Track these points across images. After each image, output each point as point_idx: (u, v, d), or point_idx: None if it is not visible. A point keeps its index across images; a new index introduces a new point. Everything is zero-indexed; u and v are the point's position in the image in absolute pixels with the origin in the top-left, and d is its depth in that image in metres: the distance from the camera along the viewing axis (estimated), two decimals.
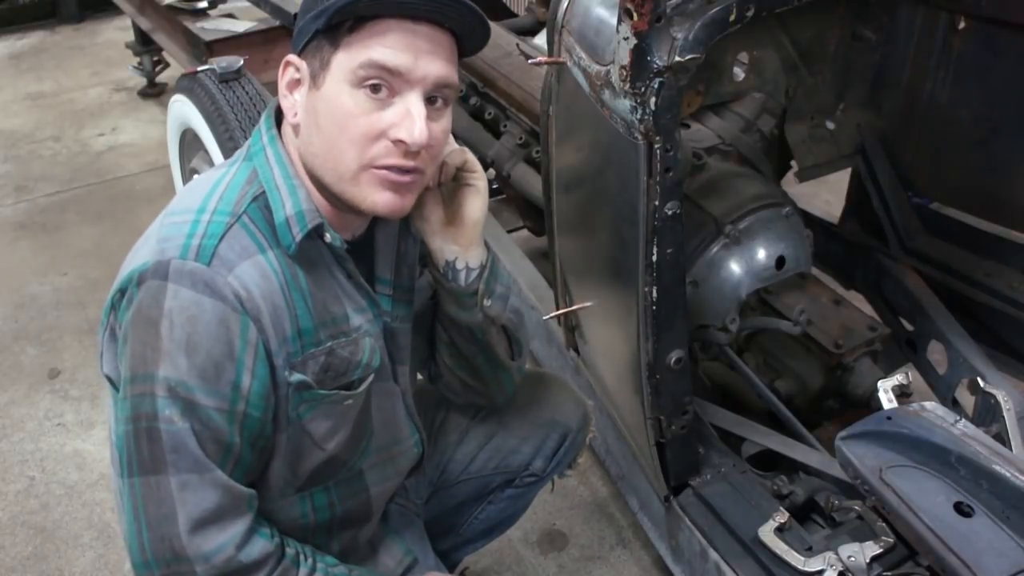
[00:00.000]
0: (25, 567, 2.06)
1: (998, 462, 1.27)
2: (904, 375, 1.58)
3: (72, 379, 2.61)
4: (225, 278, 1.07)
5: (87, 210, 3.48)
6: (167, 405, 1.06)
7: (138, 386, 1.08)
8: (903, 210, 2.08)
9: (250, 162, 1.17)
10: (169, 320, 1.05)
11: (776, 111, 1.99)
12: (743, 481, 1.63)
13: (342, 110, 1.09)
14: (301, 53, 1.13)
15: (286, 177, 1.15)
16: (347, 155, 1.11)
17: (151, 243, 1.11)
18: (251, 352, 1.09)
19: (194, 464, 1.07)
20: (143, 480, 1.08)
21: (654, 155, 1.32)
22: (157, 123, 4.05)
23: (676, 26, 1.27)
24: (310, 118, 1.13)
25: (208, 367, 1.06)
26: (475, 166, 1.30)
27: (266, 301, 1.10)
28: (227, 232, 1.09)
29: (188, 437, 1.07)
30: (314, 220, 1.13)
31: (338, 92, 1.09)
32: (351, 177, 1.12)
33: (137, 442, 1.08)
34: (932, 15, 1.90)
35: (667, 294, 1.43)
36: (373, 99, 1.09)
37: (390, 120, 1.10)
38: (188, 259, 1.06)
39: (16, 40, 5.15)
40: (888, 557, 1.37)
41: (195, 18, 3.33)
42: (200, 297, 1.06)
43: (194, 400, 1.07)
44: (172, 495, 1.07)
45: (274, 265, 1.12)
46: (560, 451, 1.59)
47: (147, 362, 1.07)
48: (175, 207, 1.15)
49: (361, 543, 1.41)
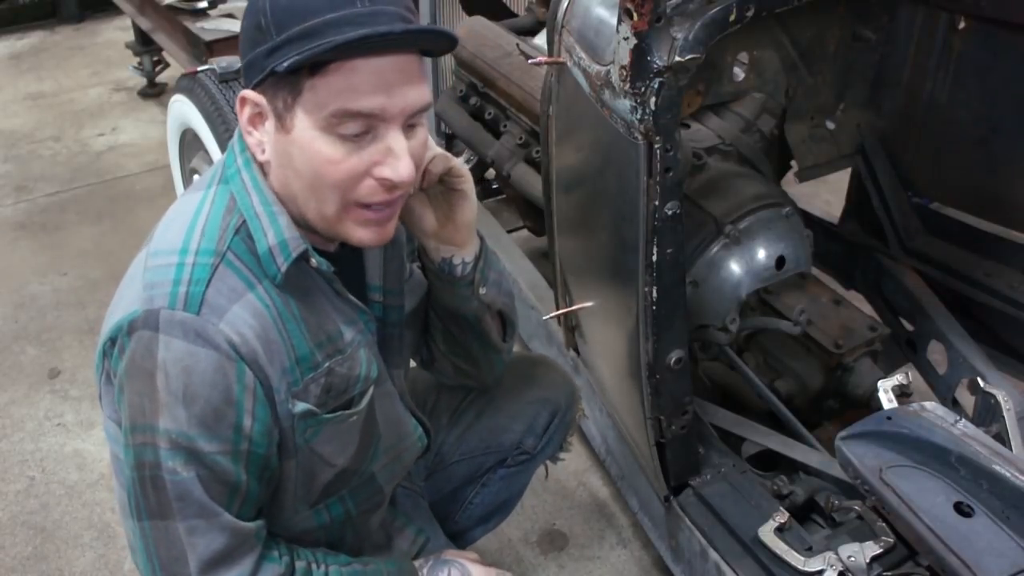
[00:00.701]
0: (25, 567, 2.06)
1: (998, 462, 1.27)
2: (904, 375, 1.58)
3: (72, 379, 2.61)
4: (217, 326, 1.05)
5: (87, 210, 3.47)
6: (170, 456, 1.06)
7: (139, 436, 1.08)
8: (903, 210, 2.08)
9: (226, 186, 1.14)
10: (164, 372, 1.05)
11: (776, 111, 1.99)
12: (743, 481, 1.63)
13: (320, 157, 1.05)
14: (256, 87, 1.07)
15: (265, 204, 1.11)
16: (330, 199, 1.09)
17: (137, 288, 1.09)
18: (250, 396, 1.09)
19: (200, 510, 1.08)
20: (152, 524, 1.10)
21: (654, 155, 1.32)
22: (157, 123, 4.05)
23: (676, 26, 1.27)
24: (284, 161, 1.09)
25: (208, 415, 1.06)
26: (460, 171, 1.28)
27: (260, 340, 1.09)
28: (213, 276, 1.07)
29: (193, 486, 1.07)
30: (298, 248, 1.11)
31: (311, 139, 1.05)
32: (335, 217, 1.11)
33: (143, 488, 1.09)
34: (932, 15, 1.90)
35: (667, 294, 1.43)
36: (351, 141, 1.05)
37: (372, 159, 1.07)
38: (177, 309, 1.05)
39: (16, 40, 5.15)
40: (888, 557, 1.37)
41: (195, 18, 3.33)
42: (193, 348, 1.05)
43: (197, 448, 1.06)
44: (181, 539, 1.08)
45: (265, 300, 1.10)
46: (550, 428, 1.61)
47: (146, 414, 1.07)
48: (158, 246, 1.12)
49: (373, 529, 1.43)
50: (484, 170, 2.72)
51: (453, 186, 1.28)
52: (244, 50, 1.07)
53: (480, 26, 2.61)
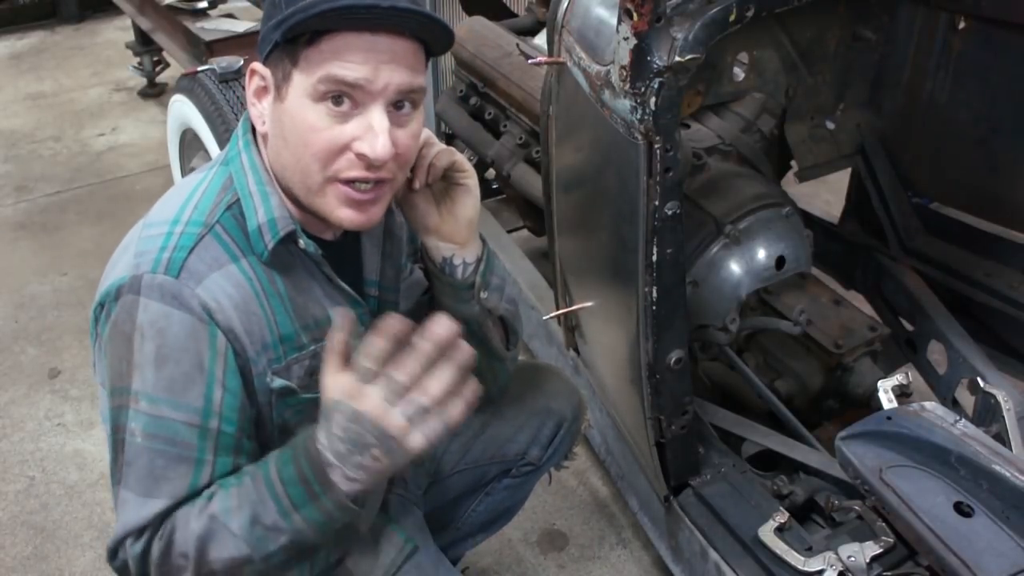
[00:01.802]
0: (25, 567, 2.06)
1: (998, 462, 1.27)
2: (904, 375, 1.58)
3: (72, 379, 2.61)
4: (193, 290, 1.08)
5: (87, 210, 3.47)
6: (134, 418, 1.07)
7: (115, 399, 1.10)
8: (903, 210, 2.08)
9: (227, 167, 1.18)
10: (140, 333, 1.07)
11: (776, 111, 1.99)
12: (743, 481, 1.63)
13: (306, 124, 1.08)
14: (265, 61, 1.11)
15: (259, 183, 1.15)
16: (312, 168, 1.10)
17: (128, 256, 1.12)
18: (221, 363, 1.09)
19: (138, 484, 1.07)
20: (116, 490, 1.11)
21: (654, 155, 1.32)
22: (157, 123, 4.05)
23: (676, 26, 1.27)
24: (277, 130, 1.12)
25: (177, 379, 1.07)
26: (464, 165, 1.28)
27: (239, 310, 1.10)
28: (198, 244, 1.10)
29: (141, 454, 1.07)
30: (286, 227, 1.13)
31: (300, 106, 1.08)
32: (317, 189, 1.12)
33: (114, 452, 1.10)
34: (932, 15, 1.90)
35: (667, 294, 1.43)
36: (335, 112, 1.07)
37: (352, 133, 1.08)
38: (158, 272, 1.08)
39: (16, 40, 5.15)
40: (888, 557, 1.37)
41: (195, 18, 3.33)
42: (168, 309, 1.07)
43: (161, 414, 1.07)
44: (118, 503, 1.09)
45: (248, 273, 1.12)
46: (556, 439, 1.60)
47: (121, 375, 1.08)
48: (152, 217, 1.16)
49: (359, 531, 1.41)
50: (484, 170, 2.72)
51: (456, 180, 1.28)
52: (262, 27, 1.11)
53: (480, 26, 2.61)
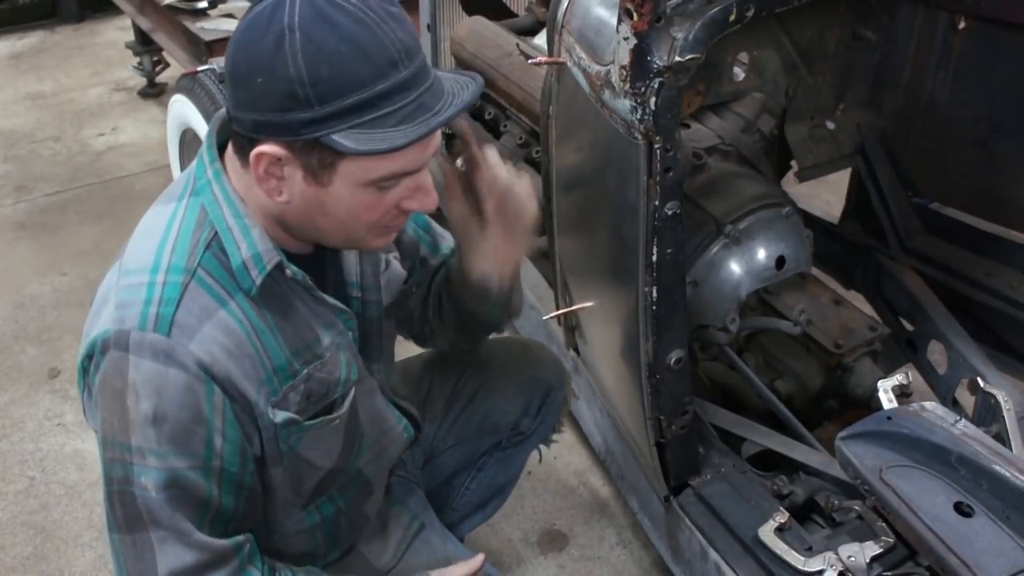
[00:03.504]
0: (25, 567, 2.06)
1: (998, 462, 1.27)
2: (904, 375, 1.58)
3: (72, 379, 2.60)
4: (186, 347, 1.06)
5: (87, 210, 3.47)
6: (141, 472, 1.07)
7: (110, 451, 1.09)
8: (903, 210, 2.08)
9: (197, 198, 1.13)
10: (135, 392, 1.06)
11: (776, 111, 1.99)
12: (743, 481, 1.63)
13: (360, 206, 1.08)
14: (280, 142, 1.03)
15: (237, 216, 1.11)
16: (360, 230, 1.13)
17: (110, 308, 1.09)
18: (219, 416, 1.09)
19: (170, 527, 1.09)
20: (120, 537, 1.11)
21: (654, 155, 1.32)
22: (157, 123, 4.05)
23: (676, 26, 1.27)
24: (314, 208, 1.09)
25: (178, 432, 1.07)
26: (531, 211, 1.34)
27: (233, 358, 1.09)
28: (183, 295, 1.07)
29: (162, 506, 1.08)
30: (272, 260, 1.11)
31: (352, 193, 1.07)
32: (360, 239, 1.15)
33: (112, 502, 1.10)
34: (932, 15, 1.90)
35: (667, 294, 1.43)
36: (385, 188, 1.09)
37: (400, 195, 1.11)
38: (147, 330, 1.05)
39: (16, 40, 5.14)
40: (888, 557, 1.37)
41: (195, 18, 3.33)
42: (162, 368, 1.05)
43: (167, 465, 1.07)
44: (152, 549, 1.08)
45: (237, 315, 1.10)
46: (543, 408, 1.64)
47: (117, 431, 1.08)
48: (128, 263, 1.12)
49: (370, 519, 1.45)
50: None
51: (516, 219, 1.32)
52: (264, 108, 1.02)
53: (480, 26, 2.61)
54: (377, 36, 1.01)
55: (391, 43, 1.01)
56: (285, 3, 1.00)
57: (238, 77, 1.04)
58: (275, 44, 0.99)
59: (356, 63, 0.99)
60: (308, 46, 0.98)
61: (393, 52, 1.01)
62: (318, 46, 0.98)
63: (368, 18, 1.01)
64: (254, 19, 1.02)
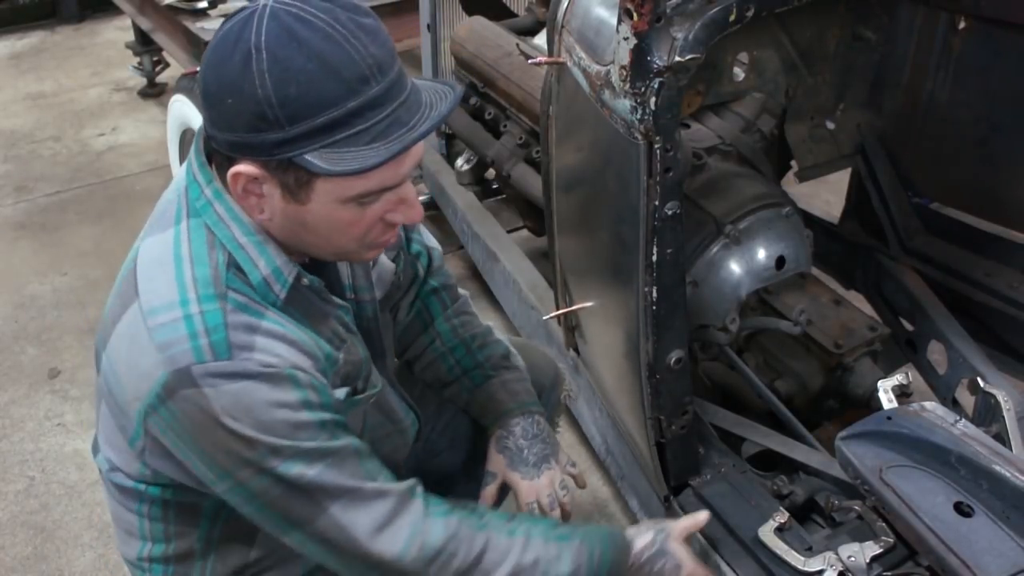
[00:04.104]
0: (25, 567, 2.06)
1: (998, 462, 1.27)
2: (904, 375, 1.58)
3: (72, 379, 2.61)
4: (253, 360, 1.06)
5: (87, 210, 3.47)
6: (288, 466, 1.09)
7: (243, 471, 1.09)
8: (903, 210, 2.08)
9: (199, 219, 1.11)
10: (229, 416, 1.05)
11: (776, 111, 1.99)
12: (743, 481, 1.63)
13: (341, 222, 1.08)
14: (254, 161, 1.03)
15: (248, 234, 1.10)
16: (348, 245, 1.13)
17: (149, 352, 1.06)
18: (313, 394, 1.11)
19: (343, 491, 1.12)
20: (311, 529, 1.13)
21: (654, 155, 1.32)
22: (157, 123, 4.05)
23: (676, 26, 1.27)
24: (296, 224, 1.09)
25: (289, 429, 1.08)
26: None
27: (294, 354, 1.10)
28: (226, 319, 1.07)
29: (325, 475, 1.11)
30: (291, 273, 1.12)
31: (331, 210, 1.06)
32: (351, 252, 1.17)
33: (280, 505, 1.12)
34: (932, 15, 1.90)
35: (667, 294, 1.43)
36: (366, 203, 1.08)
37: (383, 208, 1.10)
38: (208, 361, 1.05)
39: (16, 40, 5.15)
40: (888, 557, 1.37)
41: (195, 18, 3.33)
42: (241, 384, 1.05)
43: (305, 448, 1.09)
44: (340, 522, 1.13)
45: (277, 320, 1.11)
46: None
47: (234, 455, 1.08)
48: (151, 301, 1.08)
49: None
50: (484, 170, 2.72)
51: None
52: (237, 128, 1.01)
53: (480, 26, 2.61)
54: (346, 51, 0.98)
55: (361, 58, 0.99)
56: (252, 22, 0.99)
57: (210, 97, 1.03)
58: (242, 64, 0.97)
59: (324, 81, 0.97)
60: (275, 66, 0.96)
61: (364, 67, 0.99)
62: (284, 65, 0.96)
63: (337, 33, 0.98)
64: (222, 39, 1.01)
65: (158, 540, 1.27)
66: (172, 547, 1.27)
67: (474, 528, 1.21)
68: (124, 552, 1.33)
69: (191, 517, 1.24)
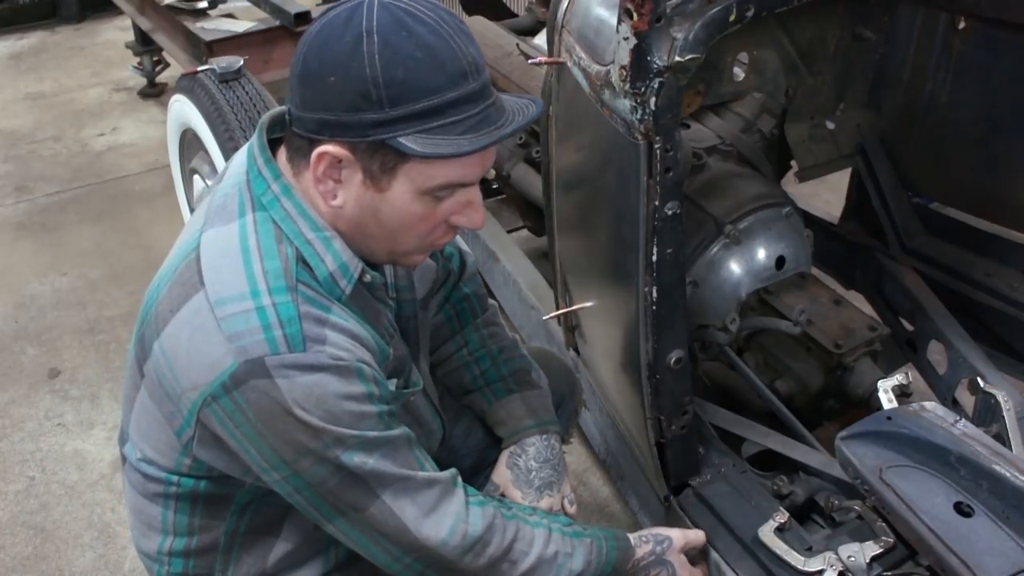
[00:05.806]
0: (25, 567, 2.06)
1: (998, 462, 1.27)
2: (904, 375, 1.58)
3: (72, 379, 2.61)
4: (325, 352, 1.09)
5: (87, 210, 3.47)
6: (351, 456, 1.13)
7: (303, 462, 1.12)
8: (903, 210, 2.08)
9: (264, 213, 1.14)
10: (300, 407, 1.08)
11: (776, 111, 1.99)
12: (743, 481, 1.63)
13: (414, 215, 1.12)
14: (342, 143, 1.07)
15: (316, 230, 1.13)
16: (408, 243, 1.17)
17: (218, 341, 1.07)
18: (376, 387, 1.15)
19: (396, 479, 1.17)
20: (361, 515, 1.17)
21: (654, 155, 1.32)
22: (157, 123, 4.05)
23: (676, 26, 1.27)
24: (369, 212, 1.12)
25: (355, 420, 1.12)
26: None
27: (359, 348, 1.14)
28: (299, 312, 1.09)
29: (382, 463, 1.15)
30: (357, 268, 1.16)
31: (409, 201, 1.10)
32: (405, 254, 1.19)
33: (335, 495, 1.15)
34: (932, 15, 1.90)
35: (667, 294, 1.43)
36: (439, 199, 1.12)
37: (450, 208, 1.14)
38: (282, 352, 1.07)
39: (16, 40, 5.15)
40: (888, 557, 1.37)
41: (195, 18, 3.33)
42: (314, 376, 1.08)
43: (367, 438, 1.14)
44: (391, 508, 1.17)
45: (344, 316, 1.14)
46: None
47: (298, 444, 1.10)
48: (220, 291, 1.09)
49: None
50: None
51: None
52: (334, 107, 1.05)
53: (480, 26, 2.61)
54: (451, 47, 1.05)
55: (463, 55, 1.05)
56: (363, 9, 1.04)
57: (309, 76, 1.06)
58: (352, 45, 1.02)
59: (430, 70, 1.03)
60: (385, 49, 1.02)
61: (464, 64, 1.05)
62: (395, 50, 1.02)
63: (443, 30, 1.05)
64: (328, 23, 1.06)
65: (181, 533, 1.27)
66: (196, 540, 1.28)
67: (505, 518, 1.28)
68: (143, 546, 1.33)
69: (220, 510, 1.25)
